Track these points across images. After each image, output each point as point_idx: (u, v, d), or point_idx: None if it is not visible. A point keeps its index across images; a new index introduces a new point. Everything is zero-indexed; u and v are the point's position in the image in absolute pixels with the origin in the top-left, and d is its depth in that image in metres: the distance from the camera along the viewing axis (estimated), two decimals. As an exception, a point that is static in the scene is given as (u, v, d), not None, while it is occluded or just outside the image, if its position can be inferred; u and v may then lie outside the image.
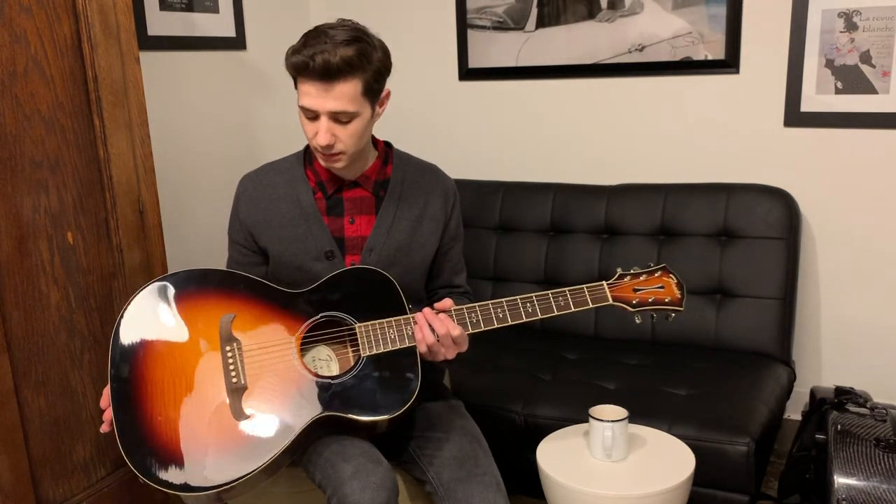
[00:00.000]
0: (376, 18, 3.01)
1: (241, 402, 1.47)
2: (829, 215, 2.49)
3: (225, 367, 1.50)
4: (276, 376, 1.50)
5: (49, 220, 1.69)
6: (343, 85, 1.49)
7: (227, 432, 1.45)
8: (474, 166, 2.99)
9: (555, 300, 1.56)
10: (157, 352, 1.49)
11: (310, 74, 1.49)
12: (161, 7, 2.45)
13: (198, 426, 1.44)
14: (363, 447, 1.54)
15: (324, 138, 1.53)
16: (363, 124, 1.56)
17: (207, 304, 1.55)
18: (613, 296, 1.58)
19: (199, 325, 1.52)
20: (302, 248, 1.66)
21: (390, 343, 1.53)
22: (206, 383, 1.48)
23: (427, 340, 1.51)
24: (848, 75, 2.37)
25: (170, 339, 1.51)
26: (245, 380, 1.49)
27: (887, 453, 1.69)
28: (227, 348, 1.51)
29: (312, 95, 1.51)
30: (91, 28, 1.72)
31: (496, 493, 1.54)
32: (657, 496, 1.65)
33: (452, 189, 1.77)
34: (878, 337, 2.49)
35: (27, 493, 1.67)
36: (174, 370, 1.48)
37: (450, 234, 1.76)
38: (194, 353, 1.50)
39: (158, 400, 1.46)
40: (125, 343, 1.49)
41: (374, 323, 1.55)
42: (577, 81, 2.76)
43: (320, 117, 1.53)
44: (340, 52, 1.47)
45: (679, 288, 1.61)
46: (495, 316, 1.55)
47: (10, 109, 1.59)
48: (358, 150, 1.60)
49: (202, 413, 1.45)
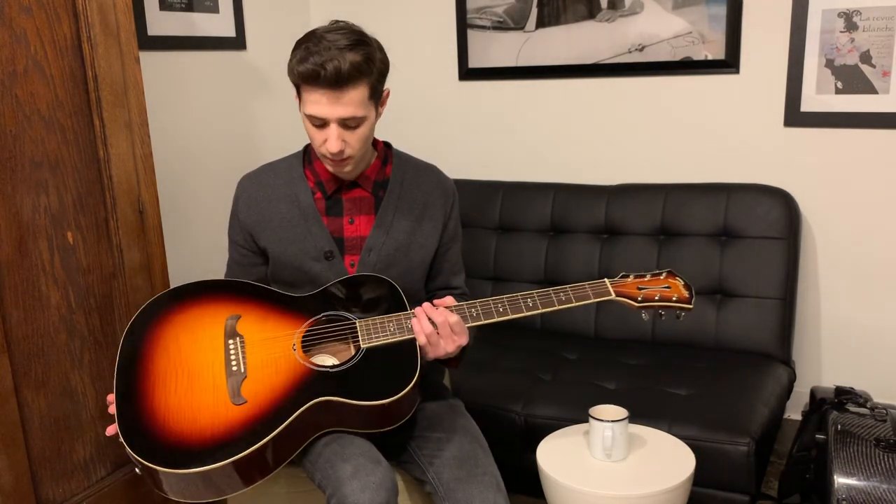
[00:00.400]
0: (376, 18, 3.01)
1: (239, 388, 1.48)
2: (829, 215, 2.49)
3: (226, 358, 1.52)
4: (275, 366, 1.51)
5: (49, 220, 1.69)
6: (353, 91, 1.49)
7: (225, 417, 1.45)
8: (474, 166, 2.99)
9: (556, 295, 1.57)
10: (164, 347, 1.53)
11: (320, 83, 1.48)
12: (161, 7, 2.45)
13: (196, 412, 1.45)
14: (363, 447, 1.54)
15: (335, 145, 1.53)
16: (370, 128, 1.57)
17: (215, 307, 1.60)
18: (616, 290, 1.58)
19: (206, 326, 1.56)
20: (301, 248, 1.66)
21: (389, 335, 1.54)
22: (206, 372, 1.50)
23: (425, 330, 1.52)
24: (848, 75, 2.37)
25: (177, 335, 1.55)
26: (245, 368, 1.50)
27: (887, 453, 1.69)
28: (230, 342, 1.54)
29: (322, 104, 1.50)
30: (91, 28, 1.72)
31: (496, 492, 1.54)
32: (657, 496, 1.65)
33: (452, 189, 1.77)
34: (878, 337, 2.49)
35: (27, 493, 1.67)
36: (178, 362, 1.51)
37: (448, 234, 1.76)
38: (199, 348, 1.53)
39: (160, 388, 1.47)
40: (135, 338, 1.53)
41: (375, 318, 1.56)
42: (577, 81, 2.76)
43: (329, 125, 1.52)
44: (349, 58, 1.46)
45: (687, 289, 1.61)
46: (495, 310, 1.56)
47: (10, 109, 1.59)
48: (365, 153, 1.61)
49: (201, 399, 1.46)
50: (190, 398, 1.46)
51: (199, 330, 1.55)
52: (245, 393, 1.48)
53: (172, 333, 1.55)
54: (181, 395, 1.46)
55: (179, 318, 1.57)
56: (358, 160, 1.61)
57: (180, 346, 1.53)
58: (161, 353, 1.52)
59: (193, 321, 1.56)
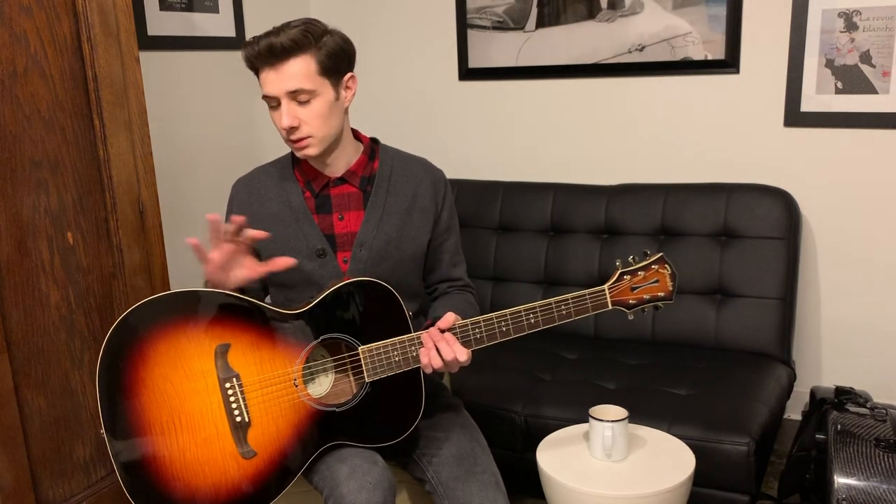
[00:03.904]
0: (376, 18, 3.01)
1: (246, 439, 1.46)
2: (829, 215, 2.49)
3: (226, 404, 1.46)
4: (279, 409, 1.48)
5: (49, 220, 1.69)
6: (293, 62, 1.51)
7: (237, 472, 1.44)
8: (474, 166, 2.99)
9: (557, 310, 1.54)
10: (153, 387, 1.42)
11: (260, 61, 1.52)
12: (161, 7, 2.45)
13: (206, 468, 1.43)
14: (359, 447, 1.54)
15: (286, 120, 1.54)
16: (325, 105, 1.56)
17: (198, 333, 1.45)
18: (613, 301, 1.58)
19: (193, 358, 1.44)
20: (294, 247, 1.66)
21: (395, 367, 1.51)
22: (208, 421, 1.44)
23: (434, 364, 1.49)
24: (848, 75, 2.37)
25: (166, 375, 1.43)
26: (248, 416, 1.46)
27: (887, 453, 1.69)
28: (226, 385, 1.46)
29: (269, 81, 1.53)
30: (91, 28, 1.73)
31: (495, 491, 1.54)
32: (657, 496, 1.65)
33: (442, 180, 1.76)
34: (878, 337, 2.49)
35: (27, 493, 1.67)
36: (172, 409, 1.43)
37: (442, 225, 1.74)
38: (192, 391, 1.44)
39: (160, 442, 1.42)
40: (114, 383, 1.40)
41: (378, 345, 1.51)
42: (577, 81, 2.76)
43: (281, 102, 1.54)
44: (284, 34, 1.51)
45: (672, 279, 1.60)
46: (499, 330, 1.53)
47: (10, 109, 1.59)
48: (327, 134, 1.58)
49: (208, 453, 1.43)
50: (195, 452, 1.43)
51: (187, 365, 1.44)
52: (252, 443, 1.46)
53: (160, 372, 1.42)
54: (185, 449, 1.43)
55: (162, 348, 1.43)
56: (320, 141, 1.58)
57: (172, 389, 1.43)
58: (153, 398, 1.42)
59: (179, 353, 1.44)
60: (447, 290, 1.78)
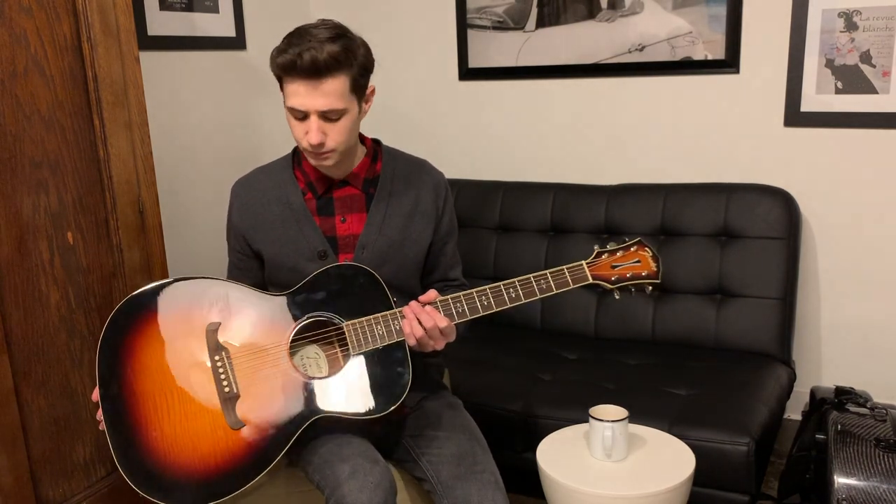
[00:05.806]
0: (376, 18, 3.01)
1: (235, 410, 1.47)
2: (829, 215, 2.49)
3: (216, 377, 1.50)
4: (267, 381, 1.50)
5: (49, 220, 1.69)
6: (332, 82, 1.50)
7: (226, 443, 1.45)
8: (474, 166, 2.99)
9: (536, 283, 1.57)
10: (144, 366, 1.48)
11: (298, 73, 1.49)
12: (161, 7, 2.45)
13: (196, 440, 1.44)
14: (361, 447, 1.54)
15: (315, 137, 1.52)
16: (352, 121, 1.56)
17: (190, 314, 1.53)
18: (593, 274, 1.59)
19: (184, 337, 1.51)
20: (295, 249, 1.66)
21: (379, 339, 1.54)
22: (197, 394, 1.48)
23: (416, 334, 1.51)
24: (848, 75, 2.37)
25: (156, 352, 1.50)
26: (237, 388, 1.49)
27: (887, 453, 1.69)
28: (215, 357, 1.51)
29: (301, 95, 1.51)
30: (91, 28, 1.73)
31: (495, 490, 1.54)
32: (657, 496, 1.65)
33: (444, 184, 1.76)
34: (878, 337, 2.49)
35: (27, 493, 1.67)
36: (163, 384, 1.48)
37: (443, 229, 1.75)
38: (183, 365, 1.49)
39: (152, 416, 1.45)
40: (111, 360, 1.48)
41: (362, 320, 1.54)
42: (576, 81, 2.76)
43: (310, 117, 1.52)
44: (327, 49, 1.47)
45: (654, 261, 1.62)
46: (480, 304, 1.55)
47: (10, 109, 1.59)
48: (348, 146, 1.60)
49: (198, 426, 1.45)
50: (186, 425, 1.45)
51: (179, 343, 1.51)
52: (242, 414, 1.48)
53: (151, 349, 1.50)
54: (176, 423, 1.45)
55: (155, 329, 1.51)
56: (340, 154, 1.59)
57: (164, 365, 1.49)
58: (145, 374, 1.48)
59: (171, 332, 1.52)
60: (443, 288, 1.78)
